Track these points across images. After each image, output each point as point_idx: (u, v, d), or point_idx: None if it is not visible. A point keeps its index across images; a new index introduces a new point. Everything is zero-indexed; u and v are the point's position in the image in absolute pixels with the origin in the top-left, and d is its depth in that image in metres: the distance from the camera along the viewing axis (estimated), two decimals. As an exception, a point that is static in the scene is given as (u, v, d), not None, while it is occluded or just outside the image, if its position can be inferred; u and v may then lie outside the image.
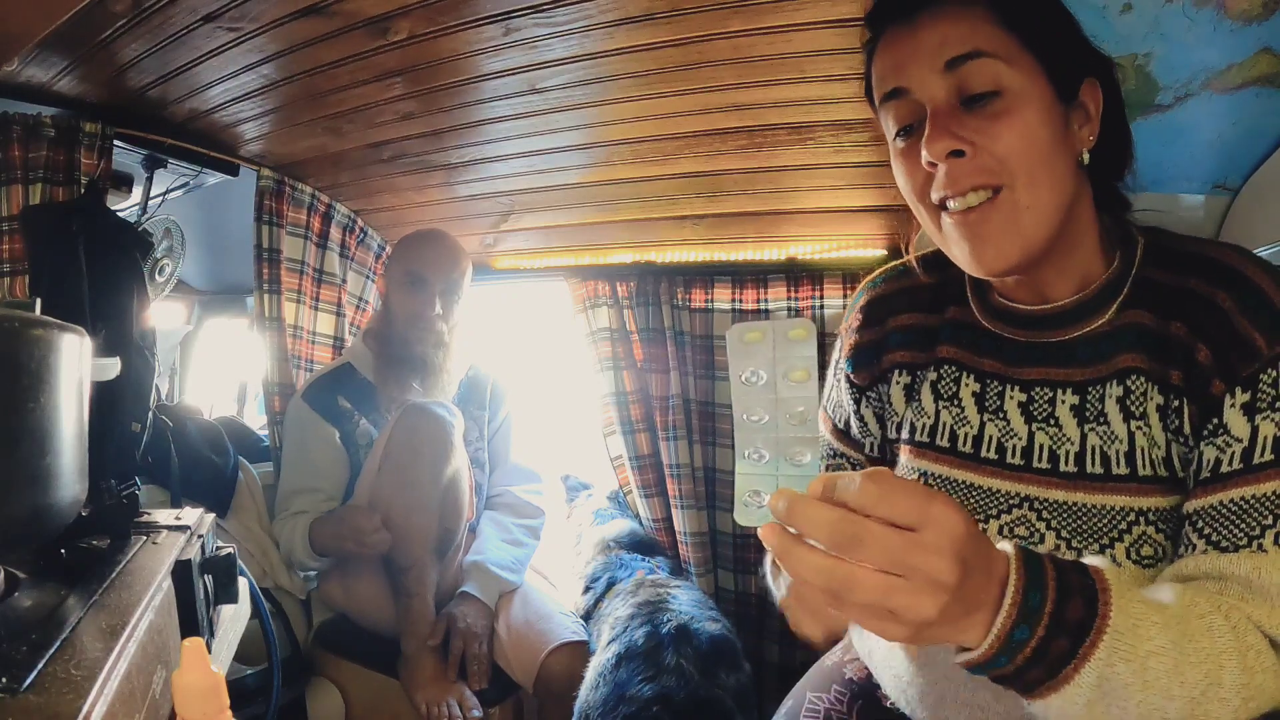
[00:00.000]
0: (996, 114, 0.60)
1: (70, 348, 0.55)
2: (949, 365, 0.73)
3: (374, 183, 1.70)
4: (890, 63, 0.65)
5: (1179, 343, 0.60)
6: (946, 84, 0.61)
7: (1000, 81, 0.60)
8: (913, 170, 0.65)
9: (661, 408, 1.76)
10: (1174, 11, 0.87)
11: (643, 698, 1.15)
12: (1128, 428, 0.62)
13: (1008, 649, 0.47)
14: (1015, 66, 0.60)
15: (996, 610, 0.47)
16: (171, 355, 2.10)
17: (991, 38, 0.60)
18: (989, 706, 0.71)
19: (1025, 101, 0.60)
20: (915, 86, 0.63)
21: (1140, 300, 0.63)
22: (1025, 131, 0.59)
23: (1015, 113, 0.60)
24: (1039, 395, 0.67)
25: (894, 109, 0.65)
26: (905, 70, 0.63)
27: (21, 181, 1.24)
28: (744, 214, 1.60)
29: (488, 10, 1.03)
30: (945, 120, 0.61)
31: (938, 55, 0.61)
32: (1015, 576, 0.47)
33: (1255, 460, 0.56)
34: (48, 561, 0.60)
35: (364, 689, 1.44)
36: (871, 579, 0.43)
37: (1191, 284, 0.61)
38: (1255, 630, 0.53)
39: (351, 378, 1.60)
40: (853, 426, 0.82)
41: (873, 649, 0.83)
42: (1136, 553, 0.62)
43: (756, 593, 1.76)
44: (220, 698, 0.44)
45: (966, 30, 0.60)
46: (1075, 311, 0.66)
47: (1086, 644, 0.48)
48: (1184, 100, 0.96)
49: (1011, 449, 0.68)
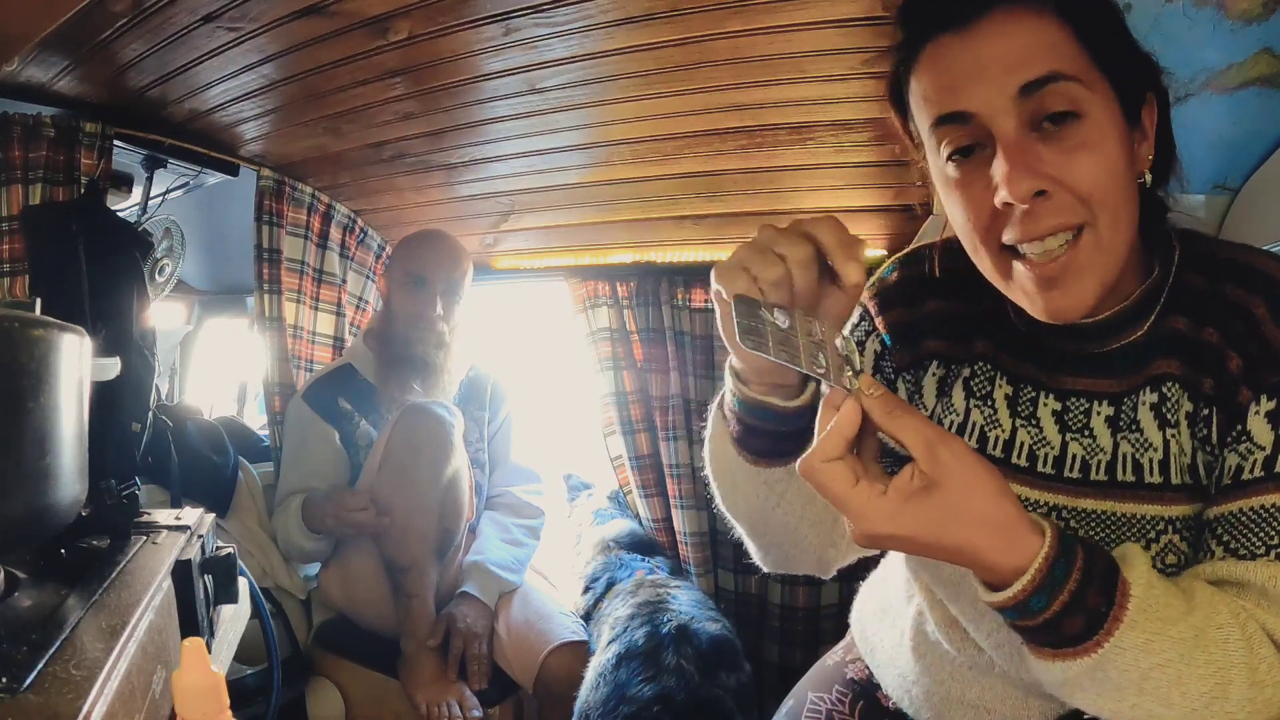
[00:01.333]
0: (1078, 145, 0.53)
1: (70, 348, 0.55)
2: (984, 363, 0.69)
3: (374, 183, 1.70)
4: (945, 80, 0.56)
5: (1212, 351, 0.58)
6: (1020, 110, 0.53)
7: (1081, 106, 0.53)
8: (976, 204, 0.57)
9: (661, 408, 1.76)
10: (1174, 11, 0.87)
11: (643, 698, 1.15)
12: (1162, 435, 0.60)
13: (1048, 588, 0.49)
14: (1093, 89, 0.53)
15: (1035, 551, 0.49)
16: (171, 355, 2.10)
17: (1068, 56, 0.53)
18: (994, 708, 0.70)
19: (1105, 129, 0.54)
20: (982, 111, 0.54)
21: (1176, 307, 0.61)
22: (1108, 164, 0.54)
23: (1099, 143, 0.53)
24: (1074, 405, 0.64)
25: (951, 133, 0.57)
26: (967, 91, 0.54)
27: (21, 181, 1.24)
28: (744, 214, 1.60)
29: (488, 10, 1.03)
30: (1024, 155, 0.53)
31: (1009, 77, 0.53)
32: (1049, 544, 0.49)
33: (1277, 469, 0.55)
34: (48, 561, 0.60)
35: (364, 689, 1.44)
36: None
37: (1227, 290, 0.58)
38: (1268, 642, 0.52)
39: (352, 378, 1.60)
40: None
41: (875, 648, 0.83)
42: (1161, 561, 0.61)
43: (756, 593, 1.76)
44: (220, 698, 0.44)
45: (1041, 46, 0.53)
46: (1115, 323, 0.62)
47: (1093, 640, 0.49)
48: (1184, 100, 0.96)
49: (1043, 458, 0.65)
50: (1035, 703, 0.69)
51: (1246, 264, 0.59)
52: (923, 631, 0.75)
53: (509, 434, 1.75)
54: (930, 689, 0.74)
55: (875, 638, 0.83)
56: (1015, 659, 0.68)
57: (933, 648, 0.74)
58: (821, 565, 0.72)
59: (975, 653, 0.70)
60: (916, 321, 0.71)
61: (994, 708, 0.70)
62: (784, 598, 1.70)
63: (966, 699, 0.72)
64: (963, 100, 0.55)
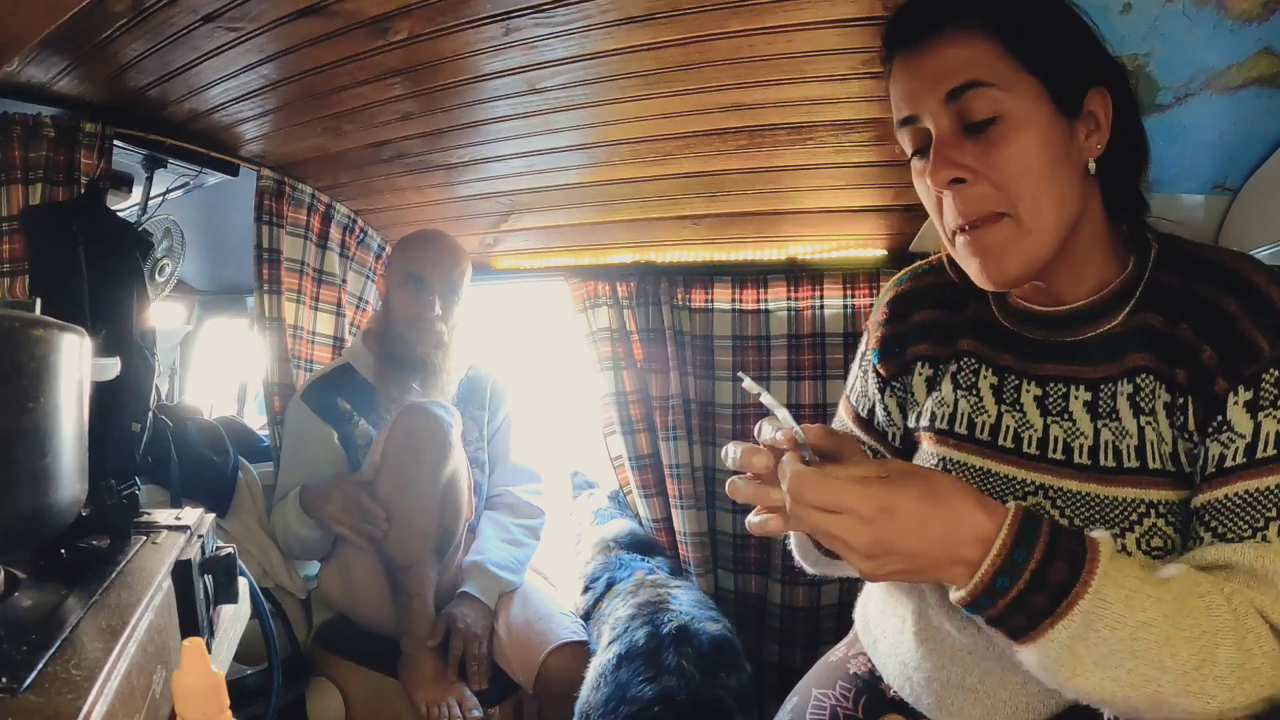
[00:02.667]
0: (994, 140, 0.62)
1: (70, 348, 0.55)
2: (969, 358, 0.75)
3: (374, 183, 1.70)
4: (901, 90, 0.67)
5: (1185, 344, 0.62)
6: (949, 113, 0.64)
7: (998, 108, 0.62)
8: (928, 193, 0.68)
9: (661, 408, 1.76)
10: (1174, 11, 0.87)
11: (644, 698, 1.15)
12: (1138, 423, 0.65)
13: (990, 593, 0.55)
14: (1014, 92, 0.62)
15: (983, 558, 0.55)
16: (171, 355, 2.10)
17: (990, 66, 0.62)
18: (994, 693, 0.71)
19: (1023, 126, 0.62)
20: (922, 114, 0.65)
21: (1151, 303, 0.65)
22: (1022, 157, 0.62)
23: (1012, 139, 0.62)
24: (1053, 390, 0.69)
25: (909, 134, 0.68)
26: (913, 98, 0.66)
27: (21, 181, 1.24)
28: (744, 214, 1.61)
29: (488, 10, 1.04)
30: (947, 149, 0.63)
31: (938, 85, 0.63)
32: (1005, 533, 0.55)
33: (1258, 455, 0.58)
34: (48, 561, 0.60)
35: (364, 689, 1.44)
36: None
37: (1200, 288, 0.63)
38: (1257, 615, 0.55)
39: (351, 378, 1.60)
40: (878, 416, 0.84)
41: (878, 639, 0.84)
42: (1147, 543, 0.64)
43: (756, 592, 1.76)
44: (220, 698, 0.44)
45: (966, 59, 0.62)
46: (1088, 313, 0.68)
47: (1064, 604, 0.53)
48: (1184, 100, 0.96)
49: (1028, 439, 0.70)
50: (1035, 689, 0.70)
51: (1218, 264, 0.63)
52: (925, 616, 0.77)
53: (509, 434, 1.75)
54: (931, 674, 0.75)
55: (878, 628, 0.84)
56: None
57: (935, 632, 0.76)
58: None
59: (976, 634, 0.72)
60: (904, 334, 0.80)
61: (994, 692, 0.71)
62: (784, 598, 1.70)
63: (967, 684, 0.73)
64: (911, 105, 0.66)
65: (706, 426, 1.76)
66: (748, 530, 0.64)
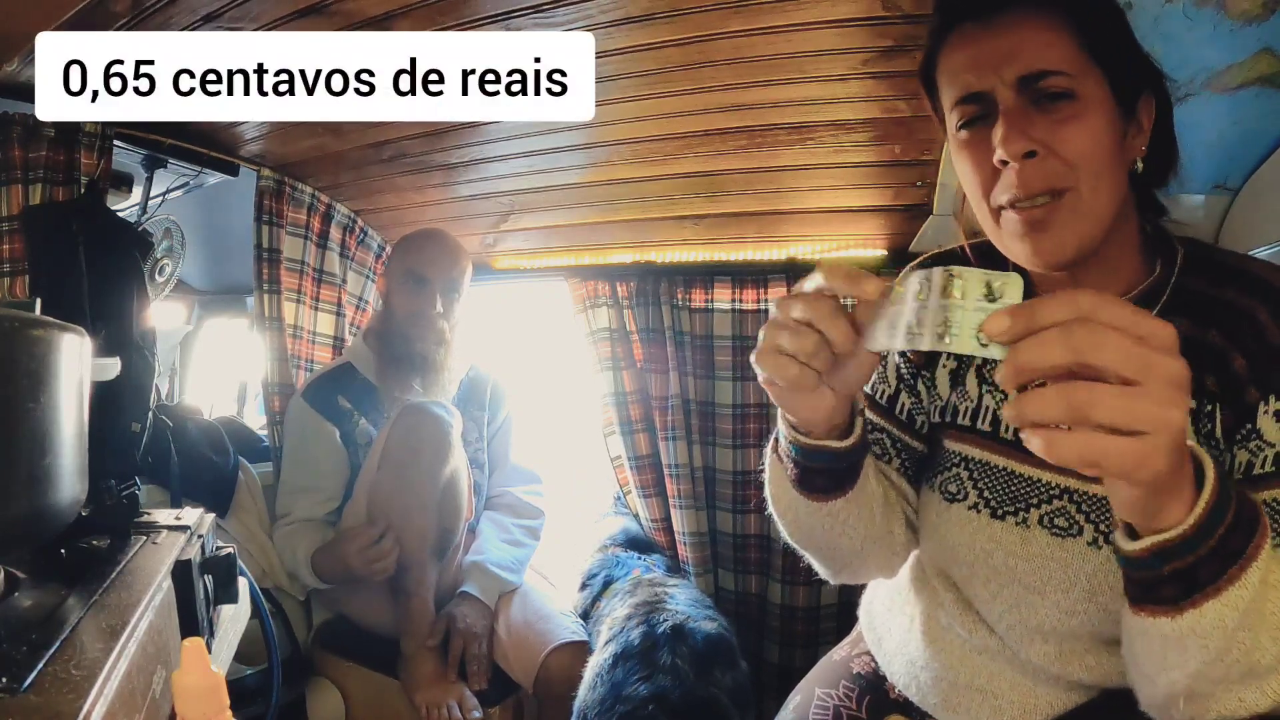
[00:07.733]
0: (1067, 118, 0.61)
1: (70, 348, 0.55)
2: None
3: (374, 183, 1.70)
4: (962, 61, 0.65)
5: (1214, 350, 0.62)
6: (1019, 90, 0.63)
7: (1072, 88, 0.62)
8: (979, 164, 0.65)
9: (661, 408, 1.76)
10: (1174, 11, 0.87)
11: (638, 697, 1.15)
12: None
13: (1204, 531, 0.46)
14: (1085, 81, 0.62)
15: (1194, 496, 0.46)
16: (171, 355, 2.10)
17: (1064, 57, 0.61)
18: (1003, 694, 0.71)
19: (1094, 108, 0.62)
20: (989, 88, 0.64)
21: (1178, 308, 0.64)
22: (1094, 137, 0.61)
23: (1085, 118, 0.61)
24: None
25: (965, 106, 0.66)
26: (979, 71, 0.64)
27: (21, 181, 1.24)
28: (744, 214, 1.60)
29: (488, 10, 1.04)
30: (1019, 120, 0.61)
31: (1011, 66, 0.62)
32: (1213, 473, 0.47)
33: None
34: (48, 561, 0.60)
35: (364, 689, 1.44)
36: (1113, 390, 0.41)
37: (1230, 295, 0.62)
38: None
39: (352, 377, 1.60)
40: (905, 403, 0.82)
41: (884, 637, 0.84)
42: None
43: (756, 592, 1.76)
44: (220, 698, 0.44)
45: (1041, 47, 0.62)
46: None
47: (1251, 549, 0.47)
48: (1184, 100, 0.96)
49: None
50: (1042, 690, 0.70)
51: (1248, 271, 0.63)
52: (934, 616, 0.77)
53: (508, 434, 1.75)
54: (939, 674, 0.75)
55: (884, 627, 0.84)
56: (1025, 642, 0.70)
57: (944, 632, 0.76)
58: (888, 571, 0.81)
59: (987, 635, 0.72)
60: None
61: (1002, 693, 0.71)
62: (784, 598, 1.70)
63: (975, 684, 0.73)
64: (975, 78, 0.64)
65: (706, 427, 1.76)
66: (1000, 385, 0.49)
